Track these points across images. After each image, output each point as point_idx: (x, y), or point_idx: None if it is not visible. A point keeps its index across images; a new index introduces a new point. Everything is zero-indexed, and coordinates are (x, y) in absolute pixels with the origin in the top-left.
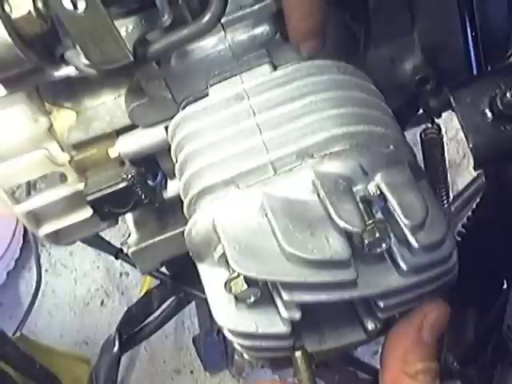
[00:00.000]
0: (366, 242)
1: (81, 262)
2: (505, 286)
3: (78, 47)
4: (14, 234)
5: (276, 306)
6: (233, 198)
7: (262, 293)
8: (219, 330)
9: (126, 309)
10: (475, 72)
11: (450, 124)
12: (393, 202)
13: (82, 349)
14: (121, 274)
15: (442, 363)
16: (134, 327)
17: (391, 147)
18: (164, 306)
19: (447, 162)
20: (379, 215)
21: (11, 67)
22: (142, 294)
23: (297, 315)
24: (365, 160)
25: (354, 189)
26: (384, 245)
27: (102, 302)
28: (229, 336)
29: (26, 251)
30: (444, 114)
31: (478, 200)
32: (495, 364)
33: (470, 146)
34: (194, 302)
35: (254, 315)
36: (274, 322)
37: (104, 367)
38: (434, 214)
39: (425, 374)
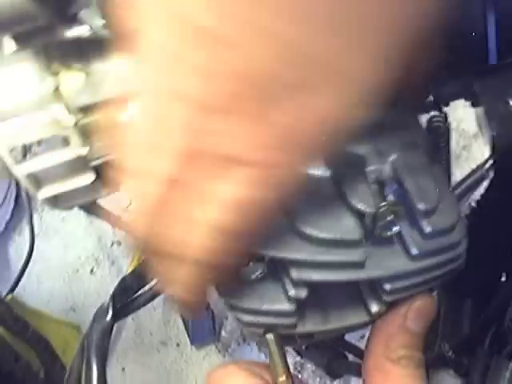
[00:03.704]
0: (379, 224)
1: (72, 229)
2: (503, 279)
3: (93, 6)
4: (5, 197)
5: (282, 284)
6: None
7: (268, 269)
8: (208, 305)
9: (116, 278)
10: (491, 62)
11: (452, 115)
12: (407, 184)
13: (69, 315)
14: (112, 243)
15: (435, 352)
16: (127, 297)
17: (407, 129)
18: None
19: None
20: (391, 197)
21: (24, 22)
22: (133, 264)
23: (303, 294)
24: (380, 139)
25: (368, 169)
26: (396, 228)
27: (92, 270)
28: (232, 312)
29: (18, 214)
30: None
31: (475, 192)
32: (491, 355)
33: (492, 134)
34: None
35: (259, 291)
36: (280, 300)
37: (96, 335)
38: (447, 199)
39: (408, 360)
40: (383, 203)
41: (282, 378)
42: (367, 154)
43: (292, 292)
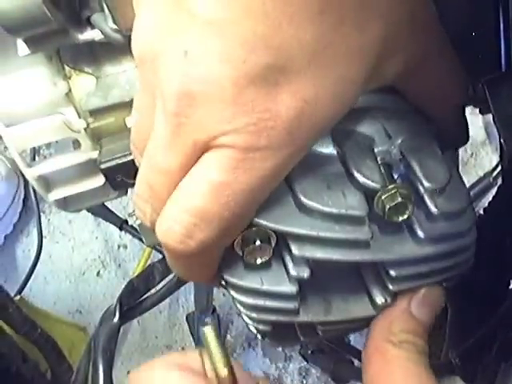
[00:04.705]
0: (387, 207)
1: (79, 231)
2: (511, 286)
3: (105, 11)
4: (14, 198)
5: (284, 264)
6: None
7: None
8: (214, 310)
9: (122, 281)
10: (503, 68)
11: None
12: (414, 166)
13: (75, 317)
14: (119, 246)
15: (442, 359)
16: (134, 299)
17: (418, 116)
18: (165, 281)
19: None
20: (399, 181)
21: (37, 26)
22: (140, 267)
23: (305, 274)
24: (389, 123)
25: (376, 150)
26: (406, 212)
27: (98, 273)
28: (232, 292)
29: (26, 216)
30: None
31: (483, 199)
32: (499, 363)
33: (502, 140)
34: None
35: (261, 271)
36: (281, 280)
37: (103, 337)
38: (456, 184)
39: (409, 344)
40: (391, 186)
41: (224, 373)
42: (375, 135)
43: (294, 271)
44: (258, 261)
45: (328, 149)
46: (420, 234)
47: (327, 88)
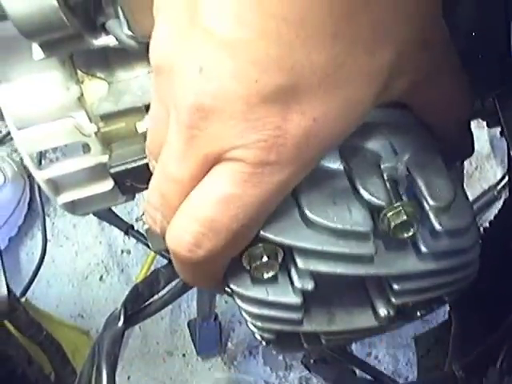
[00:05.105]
0: (393, 224)
1: (83, 236)
2: None
3: (121, 17)
4: (19, 201)
5: (289, 276)
6: None
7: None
8: (216, 317)
9: (125, 286)
10: None
11: None
12: (420, 183)
13: (77, 322)
14: (122, 252)
15: (445, 371)
16: (139, 304)
17: (424, 132)
18: (169, 286)
19: None
20: (405, 197)
21: (53, 31)
22: (143, 273)
23: (309, 286)
24: (396, 138)
25: (382, 166)
26: (412, 229)
27: (101, 278)
28: (238, 301)
29: (31, 219)
30: None
31: (486, 212)
32: (503, 376)
33: (509, 153)
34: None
35: (266, 282)
36: (286, 292)
37: (107, 341)
38: (461, 202)
39: None
40: (397, 204)
41: None
42: (382, 151)
43: (298, 283)
44: (265, 276)
45: (335, 164)
46: (423, 250)
47: (335, 108)
